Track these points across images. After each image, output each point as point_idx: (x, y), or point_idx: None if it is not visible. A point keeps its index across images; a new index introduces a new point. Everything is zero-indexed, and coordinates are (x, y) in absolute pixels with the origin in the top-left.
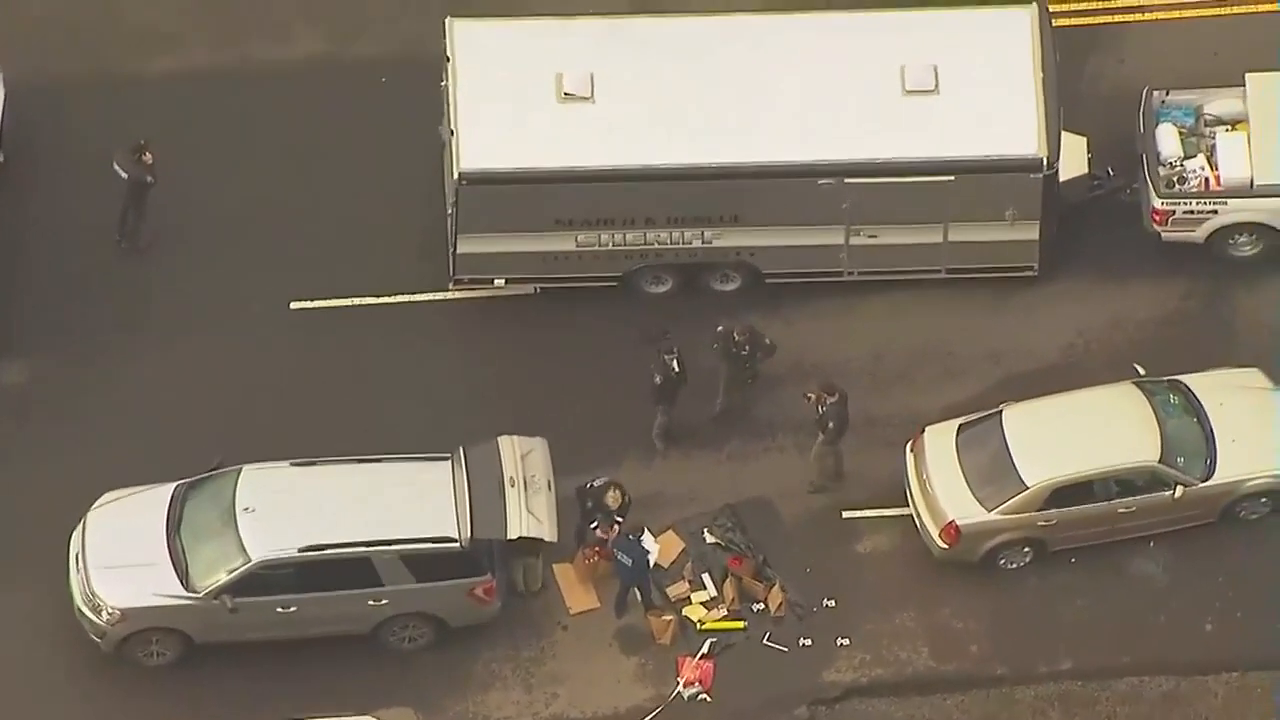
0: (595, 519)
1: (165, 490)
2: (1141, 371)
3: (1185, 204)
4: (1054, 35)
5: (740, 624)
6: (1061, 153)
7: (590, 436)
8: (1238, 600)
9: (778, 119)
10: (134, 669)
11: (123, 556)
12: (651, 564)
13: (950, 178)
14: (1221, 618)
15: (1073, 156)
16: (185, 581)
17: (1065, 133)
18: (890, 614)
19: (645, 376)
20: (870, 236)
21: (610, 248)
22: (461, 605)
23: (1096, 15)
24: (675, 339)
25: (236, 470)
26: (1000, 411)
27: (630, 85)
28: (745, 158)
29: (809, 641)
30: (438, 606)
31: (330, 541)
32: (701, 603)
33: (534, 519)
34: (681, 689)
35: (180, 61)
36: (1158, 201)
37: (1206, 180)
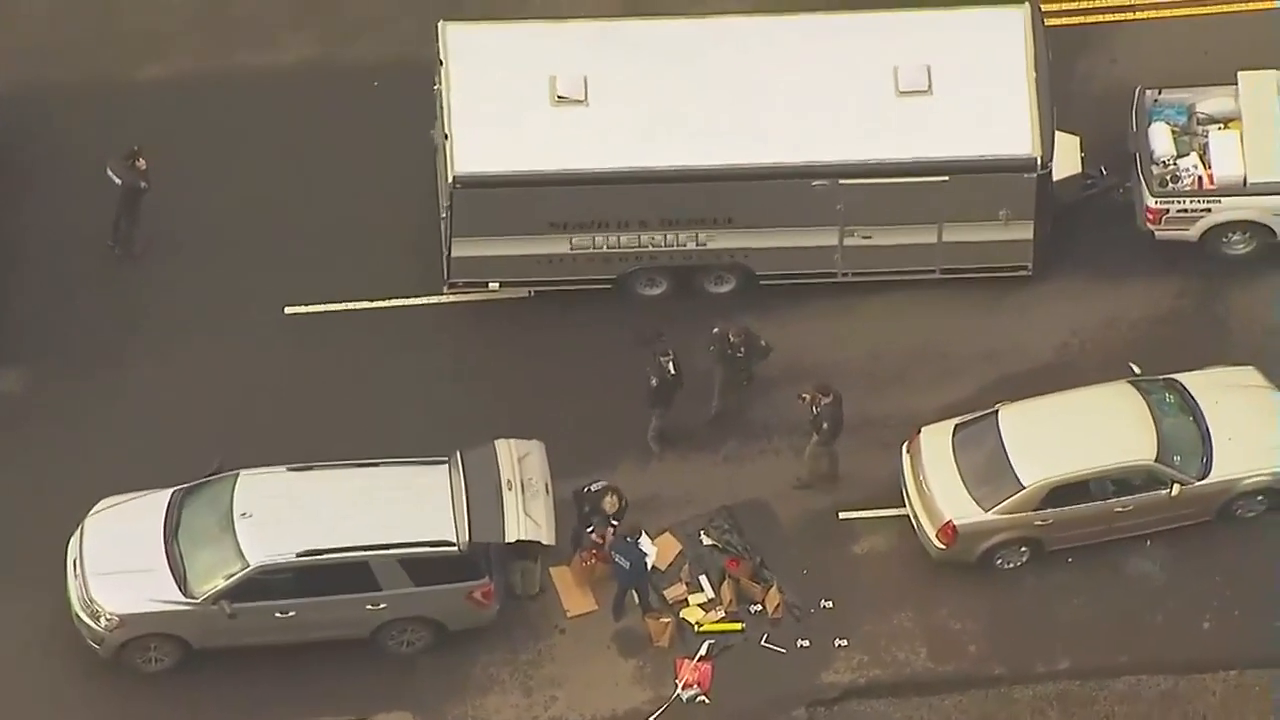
0: (592, 523)
1: (162, 496)
2: (1137, 370)
3: (1178, 202)
4: (1047, 34)
5: (738, 625)
6: (1055, 152)
7: (586, 439)
8: (1235, 598)
9: (771, 121)
10: (132, 675)
11: (120, 562)
12: (649, 566)
13: (944, 178)
14: (1219, 616)
15: (1066, 156)
16: (183, 587)
17: (1058, 132)
18: (888, 615)
19: (641, 379)
20: (865, 237)
21: (604, 250)
22: (460, 609)
23: (1087, 15)
24: (670, 341)
25: (234, 475)
26: (996, 411)
27: (624, 88)
28: (739, 160)
29: (807, 643)
30: (436, 610)
31: (328, 546)
32: (699, 605)
33: (532, 522)
34: (680, 691)
35: (173, 67)
36: (1151, 200)
37: (1200, 179)
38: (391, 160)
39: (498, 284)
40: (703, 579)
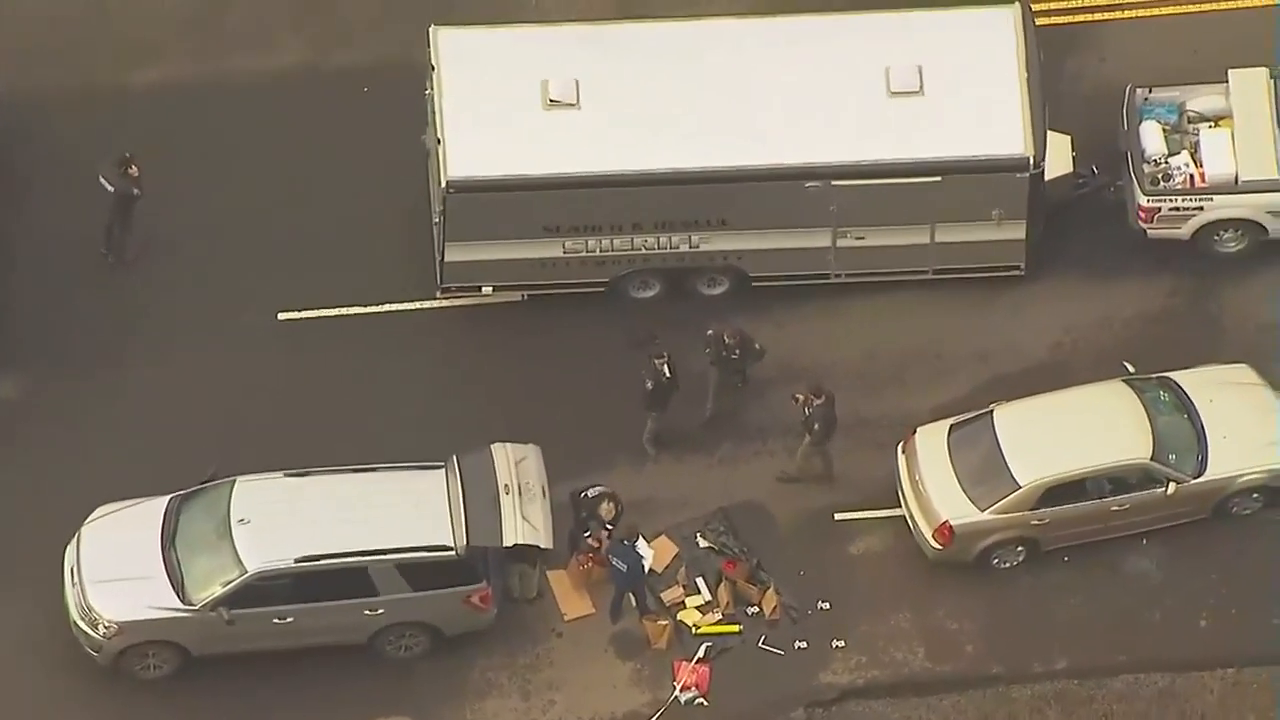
0: (589, 527)
1: (159, 503)
2: (1131, 369)
3: (1170, 201)
4: (1037, 34)
5: (735, 627)
6: (1047, 152)
7: (582, 442)
8: (1232, 596)
9: (763, 123)
10: (131, 682)
11: (118, 570)
12: (646, 569)
13: (937, 178)
14: (1216, 614)
15: (1057, 155)
16: (181, 594)
17: (1050, 132)
18: (885, 615)
19: (635, 381)
20: (857, 238)
21: (597, 253)
22: (458, 613)
23: (1076, 14)
24: (664, 344)
25: (230, 482)
26: (991, 411)
27: (616, 91)
28: (731, 162)
29: (804, 644)
30: (434, 615)
31: (326, 552)
32: (696, 607)
33: (529, 526)
34: (678, 693)
35: (164, 73)
36: (1143, 199)
37: (1191, 177)
38: (383, 165)
39: (491, 288)
40: (700, 581)
